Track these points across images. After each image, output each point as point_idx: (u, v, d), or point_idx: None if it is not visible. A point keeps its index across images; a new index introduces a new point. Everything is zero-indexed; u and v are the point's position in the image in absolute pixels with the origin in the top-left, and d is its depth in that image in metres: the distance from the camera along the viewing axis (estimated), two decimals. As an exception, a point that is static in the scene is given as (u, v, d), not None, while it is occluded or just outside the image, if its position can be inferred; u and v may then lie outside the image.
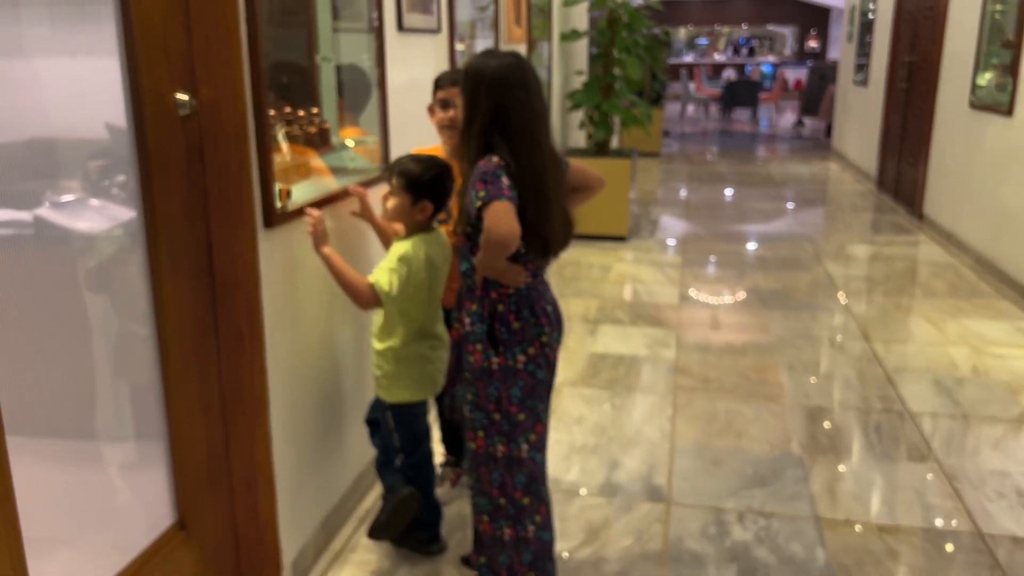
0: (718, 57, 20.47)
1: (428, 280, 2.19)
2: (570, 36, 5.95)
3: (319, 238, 2.12)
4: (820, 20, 20.45)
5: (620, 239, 6.10)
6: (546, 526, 2.09)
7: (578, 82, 6.33)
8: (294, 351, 2.17)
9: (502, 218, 1.77)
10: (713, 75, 18.18)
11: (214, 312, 1.99)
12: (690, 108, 16.65)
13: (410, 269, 2.13)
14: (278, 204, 2.01)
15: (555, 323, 2.04)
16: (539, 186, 1.88)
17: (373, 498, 2.65)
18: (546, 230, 1.91)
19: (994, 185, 5.23)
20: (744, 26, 22.09)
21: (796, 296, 4.81)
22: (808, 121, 14.12)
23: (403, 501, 2.25)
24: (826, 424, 3.19)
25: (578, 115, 6.43)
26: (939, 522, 2.55)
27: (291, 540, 2.19)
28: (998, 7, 5.36)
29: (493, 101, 1.86)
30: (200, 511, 2.00)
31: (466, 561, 2.33)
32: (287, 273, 2.12)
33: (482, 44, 4.17)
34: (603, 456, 2.95)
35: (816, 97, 13.28)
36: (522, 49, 4.72)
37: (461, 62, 3.53)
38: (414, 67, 2.99)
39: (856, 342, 4.06)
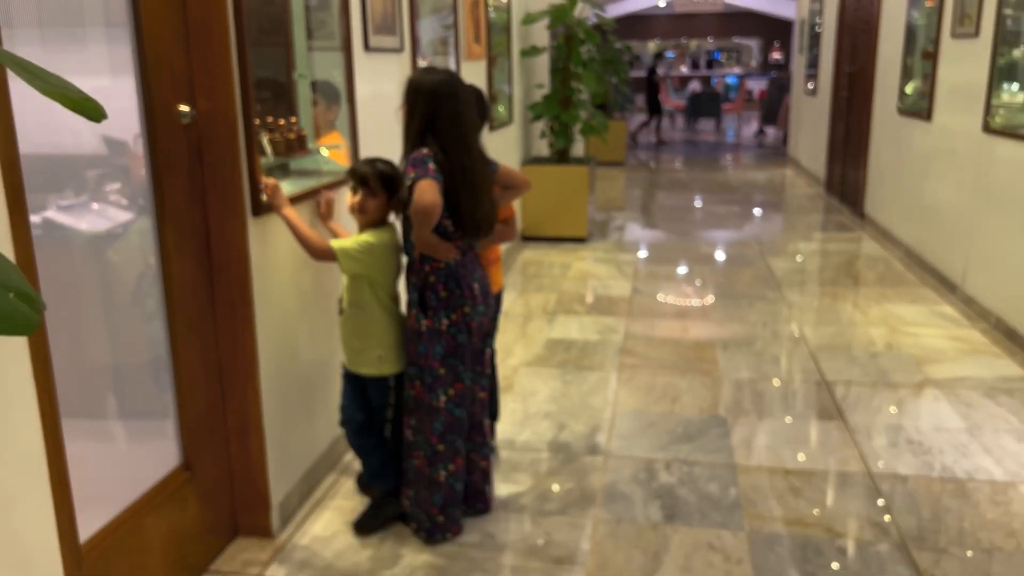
0: (684, 70, 21.07)
1: (395, 259, 2.57)
2: (530, 52, 6.38)
3: (277, 202, 2.42)
4: (783, 32, 21.09)
5: (580, 240, 6.52)
6: (457, 476, 2.48)
7: (539, 95, 6.76)
8: (279, 321, 2.55)
9: (426, 192, 2.19)
10: (680, 87, 18.75)
11: (211, 286, 2.37)
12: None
13: (374, 244, 2.48)
14: (263, 196, 2.40)
15: (480, 298, 2.44)
16: (468, 179, 2.30)
17: (350, 457, 3.01)
18: (475, 216, 2.34)
19: (919, 184, 5.72)
20: (710, 39, 22.77)
21: (738, 288, 5.25)
22: (769, 130, 14.69)
23: (399, 513, 2.59)
24: (750, 392, 3.61)
25: (539, 125, 6.85)
26: (836, 465, 2.97)
27: (278, 485, 2.56)
28: (920, 21, 5.87)
29: (428, 109, 2.27)
30: (201, 456, 2.37)
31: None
32: (271, 254, 2.50)
33: (445, 61, 4.58)
34: (553, 421, 3.35)
35: (776, 107, 13.86)
36: (482, 65, 5.14)
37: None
38: (380, 83, 3.39)
39: (787, 325, 4.50)
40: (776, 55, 21.57)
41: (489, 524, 2.61)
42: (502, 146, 5.70)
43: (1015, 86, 4.43)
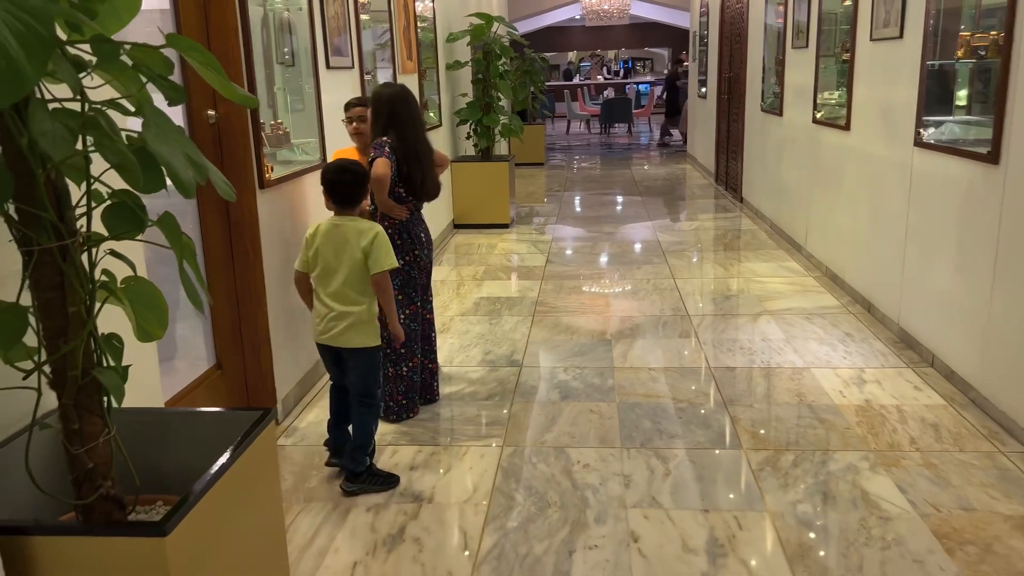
0: (601, 78, 22.45)
1: None
2: (454, 66, 7.43)
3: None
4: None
5: (504, 226, 7.59)
6: (415, 370, 3.50)
7: (464, 102, 7.80)
8: (280, 265, 3.51)
9: (379, 166, 3.21)
10: (596, 95, 20.08)
11: (230, 240, 3.33)
12: (576, 125, 18.45)
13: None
14: (268, 175, 3.37)
15: (425, 244, 3.46)
16: (420, 160, 3.33)
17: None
18: (423, 186, 3.36)
19: (776, 168, 6.98)
20: (624, 49, 24.28)
21: (631, 257, 6.40)
22: (675, 132, 16.07)
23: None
24: (630, 324, 4.72)
25: (465, 128, 7.89)
26: (686, 363, 4.09)
27: (281, 385, 3.52)
28: (775, 32, 7.15)
29: (390, 110, 3.29)
30: (228, 360, 3.32)
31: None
32: (274, 217, 3.47)
33: (384, 73, 5.57)
34: (481, 348, 4.39)
35: (679, 111, 15.23)
36: (414, 78, 6.15)
37: (369, 88, 4.93)
38: (338, 92, 4.37)
39: (665, 280, 5.64)
40: (685, 63, 23.17)
41: (437, 408, 3.63)
42: (434, 146, 6.70)
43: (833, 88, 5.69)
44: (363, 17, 5.01)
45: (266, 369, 3.46)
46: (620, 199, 9.34)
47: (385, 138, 3.31)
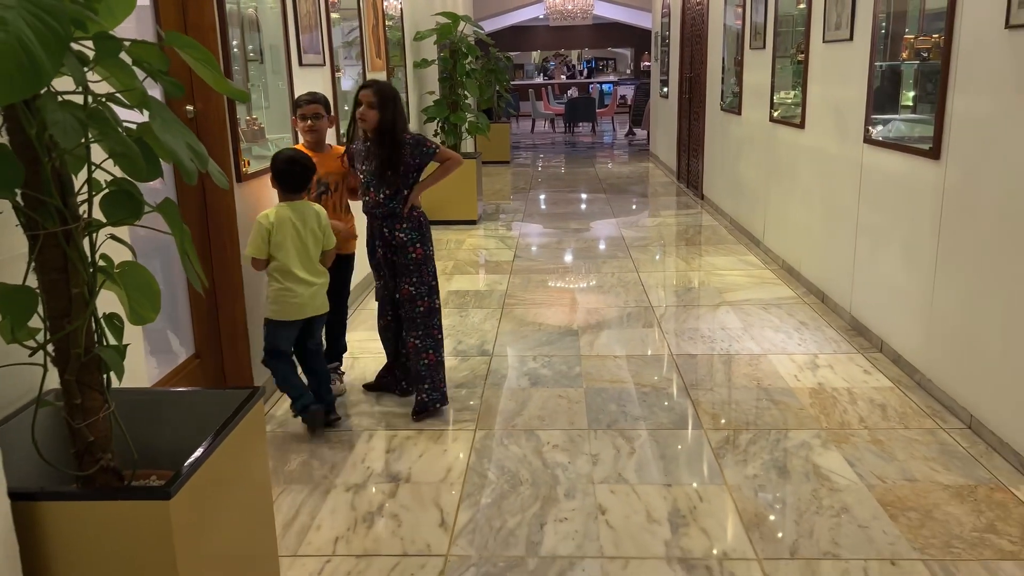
0: (564, 78, 22.68)
1: None
2: (421, 64, 7.53)
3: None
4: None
5: (472, 222, 7.72)
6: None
7: (431, 100, 7.91)
8: (254, 259, 3.59)
9: (453, 151, 3.37)
10: (560, 94, 20.28)
11: (208, 232, 3.41)
12: (541, 124, 18.63)
13: None
14: (244, 169, 3.46)
15: None
16: None
17: (302, 367, 4.06)
18: None
19: (735, 166, 7.20)
20: (587, 49, 24.53)
21: (597, 251, 6.57)
22: (638, 131, 16.33)
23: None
24: (596, 315, 4.89)
25: (432, 126, 7.99)
26: (650, 351, 4.26)
27: (258, 375, 3.61)
28: (733, 35, 7.37)
29: (399, 103, 3.37)
30: (207, 350, 3.40)
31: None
32: (250, 208, 3.55)
33: (352, 71, 5.66)
34: (453, 339, 4.51)
35: (642, 110, 15.49)
36: (382, 76, 6.25)
37: (339, 85, 5.02)
38: (311, 88, 4.45)
39: (629, 274, 5.82)
40: (647, 63, 23.50)
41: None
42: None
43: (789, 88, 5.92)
44: (333, 15, 5.10)
45: (243, 358, 3.54)
46: (585, 196, 9.52)
47: (416, 133, 3.43)
